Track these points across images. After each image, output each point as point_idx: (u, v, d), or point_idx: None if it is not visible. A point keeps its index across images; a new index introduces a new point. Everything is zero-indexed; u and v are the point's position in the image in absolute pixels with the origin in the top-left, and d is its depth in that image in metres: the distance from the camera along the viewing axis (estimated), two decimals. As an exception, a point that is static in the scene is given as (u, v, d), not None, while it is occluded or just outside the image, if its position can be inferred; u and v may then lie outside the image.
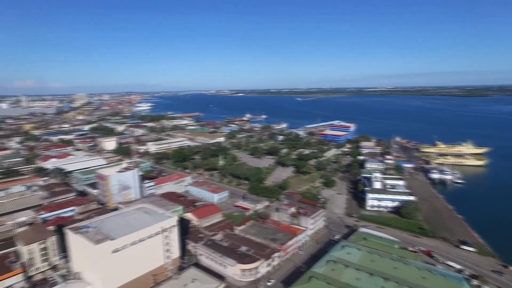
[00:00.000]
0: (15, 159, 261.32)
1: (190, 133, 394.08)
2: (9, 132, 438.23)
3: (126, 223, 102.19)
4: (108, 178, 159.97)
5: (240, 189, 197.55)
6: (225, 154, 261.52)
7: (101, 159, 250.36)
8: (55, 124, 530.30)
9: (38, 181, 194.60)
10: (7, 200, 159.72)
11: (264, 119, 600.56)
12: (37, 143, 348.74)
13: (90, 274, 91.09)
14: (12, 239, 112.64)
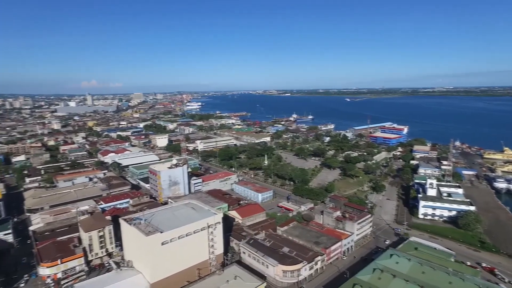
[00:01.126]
0: (80, 152, 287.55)
1: (236, 132, 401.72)
2: (76, 128, 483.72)
3: (174, 217, 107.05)
4: (160, 174, 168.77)
5: (284, 190, 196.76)
6: (271, 154, 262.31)
7: (153, 155, 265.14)
8: (114, 121, 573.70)
9: (98, 173, 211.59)
10: (73, 189, 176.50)
11: (310, 119, 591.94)
12: (98, 139, 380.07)
13: (140, 263, 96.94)
14: (76, 225, 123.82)
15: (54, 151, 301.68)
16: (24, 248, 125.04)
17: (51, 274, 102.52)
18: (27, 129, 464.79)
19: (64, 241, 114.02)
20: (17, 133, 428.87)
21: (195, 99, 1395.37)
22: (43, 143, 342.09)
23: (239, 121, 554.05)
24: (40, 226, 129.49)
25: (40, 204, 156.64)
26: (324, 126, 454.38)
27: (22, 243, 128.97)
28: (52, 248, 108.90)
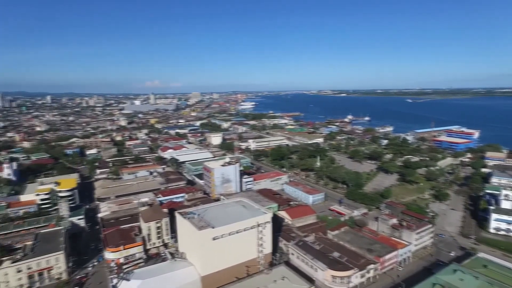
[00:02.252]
0: (142, 148, 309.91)
1: (289, 132, 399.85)
2: (140, 125, 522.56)
3: (226, 214, 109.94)
4: (213, 171, 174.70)
5: (337, 193, 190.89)
6: (323, 155, 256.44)
7: (208, 153, 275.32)
8: (173, 119, 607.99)
9: (158, 168, 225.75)
10: (135, 182, 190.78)
11: (367, 121, 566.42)
12: (159, 135, 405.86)
13: (193, 255, 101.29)
14: (137, 215, 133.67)
15: (120, 145, 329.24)
16: (93, 232, 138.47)
17: (115, 258, 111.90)
18: (99, 125, 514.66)
19: (126, 229, 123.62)
20: (91, 129, 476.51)
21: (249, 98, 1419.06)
22: (111, 138, 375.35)
23: (291, 121, 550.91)
24: (107, 214, 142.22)
25: (108, 194, 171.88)
26: (381, 128, 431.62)
27: (92, 228, 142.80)
28: (116, 235, 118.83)
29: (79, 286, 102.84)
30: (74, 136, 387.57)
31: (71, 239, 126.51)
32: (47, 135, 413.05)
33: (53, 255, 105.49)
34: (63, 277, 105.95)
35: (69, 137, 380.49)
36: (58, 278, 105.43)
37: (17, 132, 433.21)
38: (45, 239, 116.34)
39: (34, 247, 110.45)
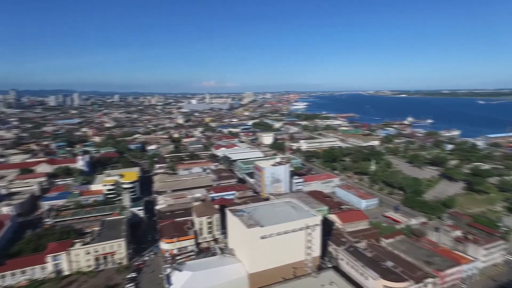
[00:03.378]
0: (197, 145, 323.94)
1: (342, 134, 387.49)
2: (195, 123, 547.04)
3: (275, 214, 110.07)
4: (263, 170, 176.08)
5: (392, 199, 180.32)
6: (379, 159, 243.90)
7: (259, 152, 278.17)
8: (227, 118, 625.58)
9: (211, 165, 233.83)
10: (190, 178, 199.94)
11: (430, 124, 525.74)
12: (213, 134, 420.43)
13: (241, 252, 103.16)
14: (190, 210, 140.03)
15: (177, 142, 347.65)
16: (150, 223, 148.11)
17: (169, 249, 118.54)
18: (159, 123, 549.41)
19: (180, 222, 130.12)
20: (152, 126, 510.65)
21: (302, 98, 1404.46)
22: (169, 135, 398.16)
23: (345, 122, 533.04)
24: (163, 207, 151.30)
25: (165, 188, 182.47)
26: (446, 132, 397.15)
27: (150, 219, 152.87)
28: (171, 227, 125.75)
29: (137, 272, 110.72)
30: (137, 133, 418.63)
31: (131, 228, 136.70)
32: (114, 131, 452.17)
33: (116, 241, 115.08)
34: (124, 262, 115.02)
35: (133, 133, 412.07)
36: (119, 262, 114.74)
37: (90, 128, 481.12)
38: (109, 226, 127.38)
39: (101, 233, 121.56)
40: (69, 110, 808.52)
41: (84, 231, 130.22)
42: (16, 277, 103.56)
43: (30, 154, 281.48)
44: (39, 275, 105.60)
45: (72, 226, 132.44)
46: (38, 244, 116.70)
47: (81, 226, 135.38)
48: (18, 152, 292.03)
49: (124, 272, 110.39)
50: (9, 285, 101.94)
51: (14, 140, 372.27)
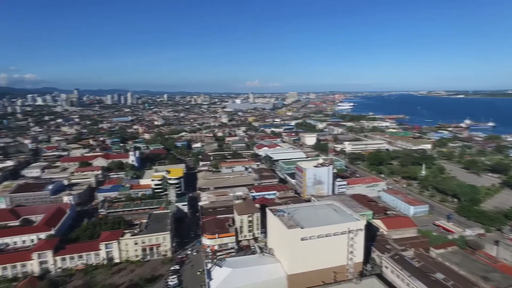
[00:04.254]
0: (240, 144, 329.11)
1: (390, 136, 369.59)
2: (239, 122, 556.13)
3: (316, 216, 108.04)
4: (305, 171, 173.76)
5: (445, 207, 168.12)
6: (430, 163, 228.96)
7: (301, 153, 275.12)
8: (270, 118, 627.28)
9: (253, 164, 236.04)
10: (232, 176, 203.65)
11: (491, 127, 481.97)
12: (255, 133, 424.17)
13: (280, 253, 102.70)
14: (231, 207, 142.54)
15: (221, 141, 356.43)
16: (194, 219, 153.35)
17: (210, 245, 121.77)
18: (204, 121, 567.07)
19: (222, 219, 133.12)
20: (197, 124, 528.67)
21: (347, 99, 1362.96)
22: (214, 134, 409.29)
23: (394, 124, 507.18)
24: (206, 203, 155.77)
25: (208, 185, 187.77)
26: (510, 137, 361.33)
27: (193, 214, 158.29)
28: (213, 224, 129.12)
29: (180, 265, 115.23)
30: (183, 131, 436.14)
31: (176, 222, 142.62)
32: (162, 129, 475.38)
33: (162, 234, 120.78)
34: (168, 255, 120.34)
35: (179, 131, 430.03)
36: (164, 254, 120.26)
37: (141, 125, 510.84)
38: (156, 219, 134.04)
39: (148, 225, 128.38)
40: (123, 108, 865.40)
41: (133, 222, 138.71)
42: (74, 261, 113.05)
43: (88, 149, 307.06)
44: (93, 260, 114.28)
45: (123, 217, 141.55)
46: (93, 232, 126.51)
47: (130, 217, 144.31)
48: (78, 147, 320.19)
49: (168, 264, 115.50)
50: (68, 267, 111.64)
51: (75, 135, 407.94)
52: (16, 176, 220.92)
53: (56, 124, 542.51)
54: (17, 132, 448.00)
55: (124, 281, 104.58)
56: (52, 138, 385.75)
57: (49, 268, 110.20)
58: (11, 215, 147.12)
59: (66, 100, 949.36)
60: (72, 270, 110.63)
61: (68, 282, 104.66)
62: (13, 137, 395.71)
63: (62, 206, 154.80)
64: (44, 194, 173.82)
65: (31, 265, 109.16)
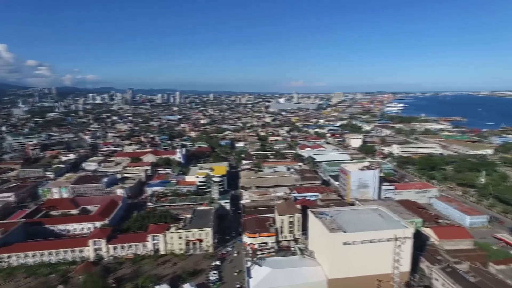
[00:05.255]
0: (282, 144, 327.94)
1: (444, 139, 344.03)
2: (282, 122, 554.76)
3: (360, 220, 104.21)
4: (350, 174, 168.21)
5: (508, 219, 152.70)
6: (491, 170, 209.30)
7: (345, 154, 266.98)
8: (313, 118, 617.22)
9: (295, 165, 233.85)
10: (274, 176, 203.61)
11: None
12: (298, 133, 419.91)
13: (321, 256, 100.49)
14: (272, 207, 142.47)
15: (264, 140, 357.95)
16: (235, 216, 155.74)
17: (251, 243, 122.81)
18: (247, 121, 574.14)
19: (262, 218, 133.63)
20: (241, 124, 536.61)
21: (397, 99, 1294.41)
22: (257, 133, 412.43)
23: (449, 126, 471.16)
24: (247, 202, 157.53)
25: (250, 184, 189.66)
26: None
27: (235, 212, 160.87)
28: (254, 222, 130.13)
29: (220, 261, 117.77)
30: (227, 130, 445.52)
31: (218, 219, 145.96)
32: (208, 127, 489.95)
33: (204, 230, 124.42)
34: (210, 250, 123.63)
35: (224, 130, 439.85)
36: (206, 250, 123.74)
37: (187, 124, 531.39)
38: (199, 215, 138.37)
39: (192, 220, 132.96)
40: (171, 107, 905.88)
41: (178, 217, 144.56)
42: (124, 250, 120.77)
43: (139, 145, 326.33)
44: (141, 251, 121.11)
45: (169, 212, 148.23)
46: (142, 224, 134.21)
47: (176, 212, 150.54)
48: (131, 143, 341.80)
49: (209, 259, 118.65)
50: (118, 255, 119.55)
51: (128, 132, 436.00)
52: (76, 168, 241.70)
53: (112, 121, 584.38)
54: (78, 128, 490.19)
55: (169, 273, 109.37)
56: (108, 134, 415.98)
57: (103, 255, 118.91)
58: (71, 204, 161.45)
59: (121, 99, 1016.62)
60: (122, 259, 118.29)
61: (118, 269, 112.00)
62: (75, 132, 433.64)
63: (115, 198, 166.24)
64: (100, 186, 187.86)
65: (88, 251, 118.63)
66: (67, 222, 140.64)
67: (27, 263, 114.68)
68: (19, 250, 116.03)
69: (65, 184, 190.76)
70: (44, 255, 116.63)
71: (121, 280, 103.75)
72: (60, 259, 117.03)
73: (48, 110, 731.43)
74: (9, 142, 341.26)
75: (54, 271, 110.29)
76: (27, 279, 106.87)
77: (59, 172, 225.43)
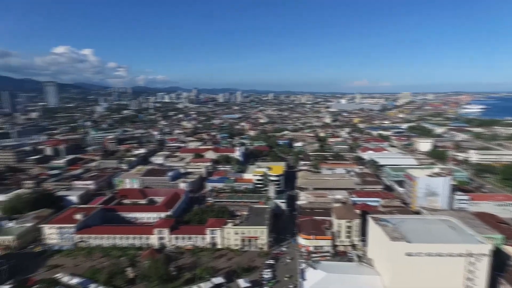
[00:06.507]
0: (342, 146, 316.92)
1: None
2: (343, 123, 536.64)
3: (426, 231, 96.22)
4: (417, 180, 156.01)
5: None
6: None
7: (412, 159, 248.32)
8: (377, 119, 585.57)
9: (355, 168, 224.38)
10: (332, 178, 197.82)
11: None
12: (360, 135, 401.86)
13: (381, 265, 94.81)
14: (329, 210, 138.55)
15: (323, 141, 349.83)
16: (290, 217, 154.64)
17: (306, 245, 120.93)
18: (306, 121, 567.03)
19: (318, 221, 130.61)
20: (300, 124, 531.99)
21: (477, 100, 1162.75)
22: (316, 134, 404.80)
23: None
24: (304, 203, 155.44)
25: (307, 185, 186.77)
26: None
27: (290, 212, 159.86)
28: (309, 224, 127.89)
29: (275, 260, 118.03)
30: (286, 129, 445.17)
31: (273, 218, 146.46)
32: (266, 127, 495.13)
33: (260, 228, 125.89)
34: (264, 248, 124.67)
35: (282, 130, 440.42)
36: (261, 248, 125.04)
37: (247, 123, 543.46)
38: (255, 213, 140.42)
39: (248, 218, 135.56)
40: (232, 106, 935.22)
41: (235, 213, 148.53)
42: (185, 241, 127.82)
43: (201, 142, 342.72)
44: (200, 243, 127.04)
45: (227, 207, 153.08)
46: (201, 217, 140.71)
47: (233, 208, 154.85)
48: (194, 140, 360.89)
49: (263, 257, 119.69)
50: (179, 245, 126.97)
51: (192, 129, 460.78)
52: (145, 162, 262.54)
53: (178, 119, 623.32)
54: (148, 124, 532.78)
55: (224, 267, 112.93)
56: (174, 131, 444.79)
57: (166, 243, 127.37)
58: (140, 194, 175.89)
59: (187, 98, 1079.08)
60: (182, 249, 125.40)
61: (179, 258, 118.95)
62: (146, 129, 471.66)
63: (178, 191, 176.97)
64: (165, 179, 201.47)
65: (153, 239, 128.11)
66: (136, 210, 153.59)
67: (102, 245, 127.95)
68: (97, 233, 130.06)
69: (135, 175, 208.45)
70: (117, 239, 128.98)
71: (181, 269, 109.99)
72: (130, 244, 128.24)
73: (124, 108, 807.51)
74: (92, 136, 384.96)
75: (124, 254, 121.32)
76: (102, 259, 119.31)
77: (131, 164, 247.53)
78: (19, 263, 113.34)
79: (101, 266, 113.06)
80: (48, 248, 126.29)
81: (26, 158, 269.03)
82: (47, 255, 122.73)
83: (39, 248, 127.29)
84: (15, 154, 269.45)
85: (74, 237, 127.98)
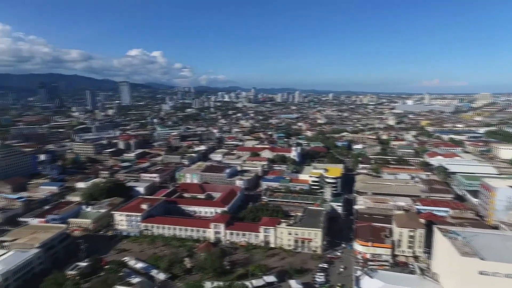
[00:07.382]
0: (407, 150, 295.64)
1: None
2: (408, 126, 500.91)
3: (505, 248, 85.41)
4: (495, 191, 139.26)
5: None
6: None
7: (490, 167, 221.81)
8: (449, 122, 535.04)
9: (421, 174, 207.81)
10: (394, 183, 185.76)
11: None
12: (428, 139, 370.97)
13: (448, 282, 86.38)
14: (390, 217, 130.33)
15: (385, 144, 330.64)
16: (347, 221, 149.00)
17: (362, 252, 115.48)
18: (368, 122, 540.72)
19: (377, 228, 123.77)
20: (360, 125, 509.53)
21: None
22: (377, 136, 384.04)
23: None
24: (362, 208, 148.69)
25: (365, 189, 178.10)
26: None
27: (347, 217, 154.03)
28: (367, 230, 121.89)
29: (328, 264, 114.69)
30: (345, 131, 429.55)
31: (328, 221, 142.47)
32: (324, 127, 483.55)
33: (314, 230, 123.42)
34: (318, 251, 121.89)
35: (341, 131, 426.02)
36: (314, 250, 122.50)
37: (304, 123, 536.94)
38: (310, 215, 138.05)
39: (302, 219, 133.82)
40: (290, 106, 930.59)
41: (289, 213, 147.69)
42: (239, 237, 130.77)
43: (258, 141, 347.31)
44: (253, 240, 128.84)
45: (281, 207, 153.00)
46: (255, 215, 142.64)
47: (287, 208, 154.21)
48: (251, 139, 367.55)
49: (316, 260, 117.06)
50: (234, 241, 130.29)
51: (250, 128, 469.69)
52: (205, 158, 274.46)
53: (236, 118, 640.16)
54: (209, 122, 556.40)
55: (277, 266, 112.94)
56: (233, 130, 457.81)
57: (221, 238, 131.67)
58: (199, 189, 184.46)
59: (245, 97, 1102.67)
60: (237, 244, 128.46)
61: (233, 254, 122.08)
62: (206, 127, 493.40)
63: (234, 188, 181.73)
64: (223, 176, 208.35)
65: (209, 232, 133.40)
66: (195, 204, 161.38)
67: (164, 234, 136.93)
68: (160, 223, 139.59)
69: (195, 171, 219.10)
70: (176, 230, 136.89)
71: (235, 264, 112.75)
72: (188, 235, 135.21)
73: (187, 106, 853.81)
74: (158, 132, 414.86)
75: (183, 245, 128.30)
76: (163, 247, 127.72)
77: (192, 160, 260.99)
78: (94, 244, 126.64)
79: (162, 254, 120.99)
80: (119, 233, 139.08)
81: (103, 150, 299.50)
82: (117, 239, 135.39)
83: (111, 232, 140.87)
84: (94, 147, 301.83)
85: (140, 225, 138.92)
